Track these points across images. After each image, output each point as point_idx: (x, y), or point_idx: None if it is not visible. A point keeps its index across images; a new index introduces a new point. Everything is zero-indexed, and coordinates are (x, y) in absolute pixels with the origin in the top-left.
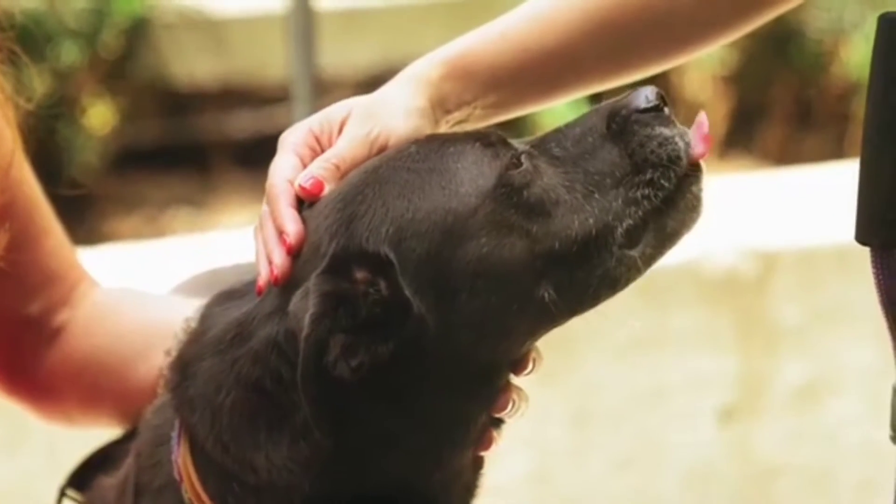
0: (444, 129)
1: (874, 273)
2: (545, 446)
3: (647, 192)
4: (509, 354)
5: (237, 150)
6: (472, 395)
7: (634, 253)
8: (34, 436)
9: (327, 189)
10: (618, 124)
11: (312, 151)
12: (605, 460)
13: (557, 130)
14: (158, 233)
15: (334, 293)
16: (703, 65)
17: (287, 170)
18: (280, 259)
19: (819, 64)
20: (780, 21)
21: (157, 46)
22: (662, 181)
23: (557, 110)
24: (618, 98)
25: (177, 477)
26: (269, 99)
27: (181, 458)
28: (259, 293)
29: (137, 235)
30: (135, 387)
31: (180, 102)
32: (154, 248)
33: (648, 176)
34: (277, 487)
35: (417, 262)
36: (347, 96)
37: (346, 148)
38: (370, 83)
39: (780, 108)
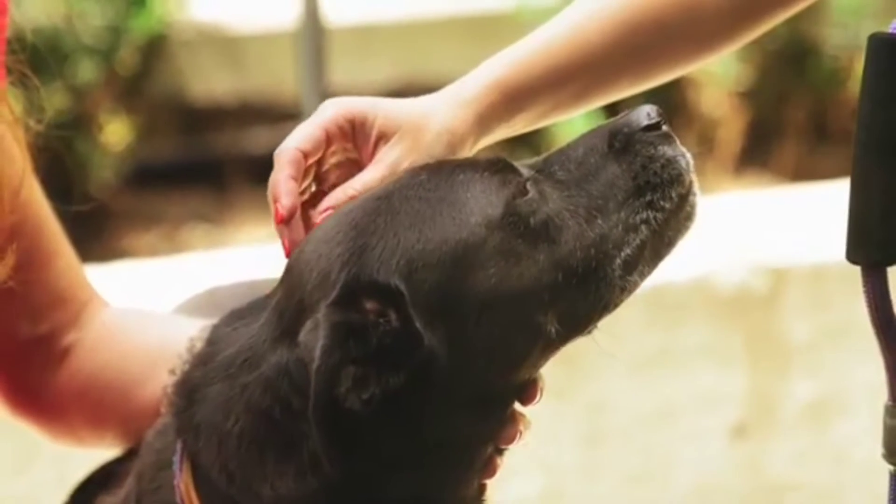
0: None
1: (865, 292)
2: (556, 464)
3: (647, 215)
4: (515, 382)
5: (254, 167)
6: (479, 423)
7: (634, 277)
8: (44, 451)
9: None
10: (620, 143)
11: (338, 136)
12: (616, 477)
13: (561, 151)
14: (175, 249)
15: (345, 324)
16: (719, 81)
17: (302, 139)
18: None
19: (835, 80)
20: (795, 37)
21: (173, 63)
22: (663, 202)
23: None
24: (619, 116)
25: (178, 501)
26: (286, 115)
27: (183, 483)
28: (280, 221)
29: (154, 252)
30: (140, 406)
31: (197, 119)
32: (170, 264)
33: (649, 198)
34: None
35: (428, 293)
36: None
37: (376, 181)
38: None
39: (795, 124)
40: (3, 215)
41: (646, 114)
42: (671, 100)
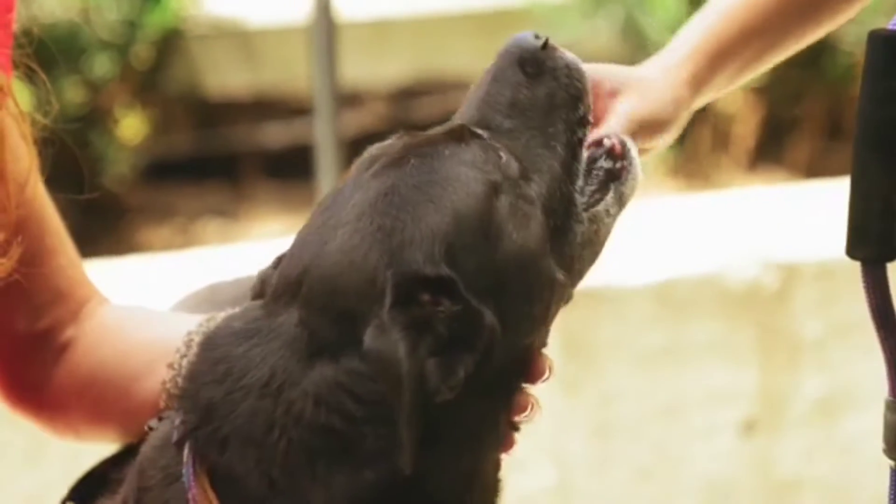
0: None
1: (865, 288)
2: (566, 458)
3: (583, 132)
4: (543, 342)
5: (269, 161)
6: (506, 391)
7: (599, 208)
8: (53, 447)
9: None
10: (532, 68)
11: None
12: (626, 472)
13: (485, 100)
14: (190, 243)
15: (415, 322)
16: None
17: None
18: None
19: (850, 77)
20: None
21: (189, 58)
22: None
23: None
24: (505, 47)
25: None
26: (301, 110)
27: (199, 495)
28: None
29: (169, 246)
30: (140, 402)
31: (212, 113)
32: (185, 258)
33: (582, 113)
34: None
35: (474, 273)
36: (377, 108)
37: (617, 129)
38: (400, 95)
39: (810, 120)
40: (9, 210)
41: (531, 34)
42: None
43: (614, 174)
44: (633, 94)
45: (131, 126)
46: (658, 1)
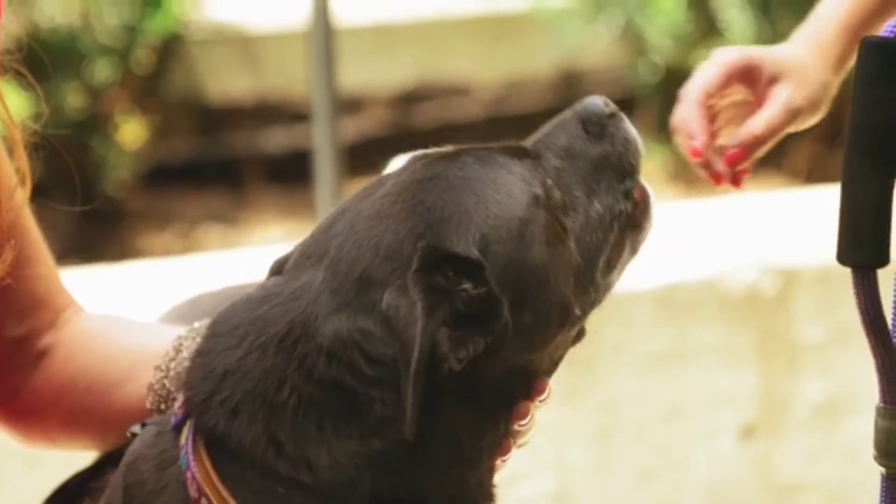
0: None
1: (855, 294)
2: (567, 463)
3: (624, 206)
4: (548, 369)
5: (270, 167)
6: (511, 398)
7: (618, 263)
8: (54, 451)
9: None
10: (594, 129)
11: (736, 79)
12: (627, 476)
13: (541, 139)
14: (191, 249)
15: (436, 289)
16: None
17: (707, 80)
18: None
19: (850, 83)
20: None
21: (189, 63)
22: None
23: None
24: (576, 105)
25: (194, 494)
26: (302, 115)
27: (199, 473)
28: (697, 156)
29: (170, 251)
30: (120, 407)
31: (212, 119)
32: (186, 264)
33: (628, 185)
34: (335, 486)
35: (503, 266)
36: (378, 114)
37: (779, 117)
38: (401, 100)
39: (810, 126)
40: (1, 214)
41: (603, 101)
42: None
43: (633, 221)
44: (791, 79)
45: (132, 131)
46: (658, 5)
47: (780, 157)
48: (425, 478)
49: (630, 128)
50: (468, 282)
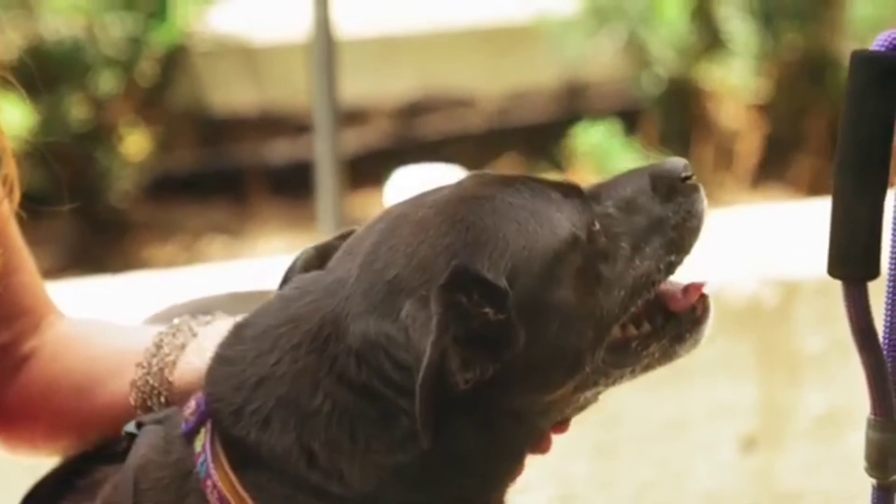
0: None
1: (846, 307)
2: (569, 475)
3: (661, 279)
4: (554, 408)
5: (273, 178)
6: (530, 430)
7: (643, 354)
8: None
9: None
10: (663, 189)
11: None
12: (629, 488)
13: (609, 186)
14: (194, 260)
15: (457, 305)
16: (737, 94)
17: None
18: None
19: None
20: (813, 50)
21: (193, 75)
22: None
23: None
24: (657, 163)
25: (215, 503)
26: (306, 127)
27: (220, 482)
28: None
29: (173, 263)
30: (103, 406)
31: (216, 130)
32: (189, 275)
33: (673, 259)
34: (364, 498)
35: (526, 299)
36: (382, 126)
37: None
38: (405, 112)
39: (813, 137)
40: None
41: (683, 165)
42: (690, 112)
43: (677, 327)
44: None
45: (135, 142)
46: (661, 17)
47: (783, 170)
48: (442, 492)
49: (700, 202)
50: (490, 307)
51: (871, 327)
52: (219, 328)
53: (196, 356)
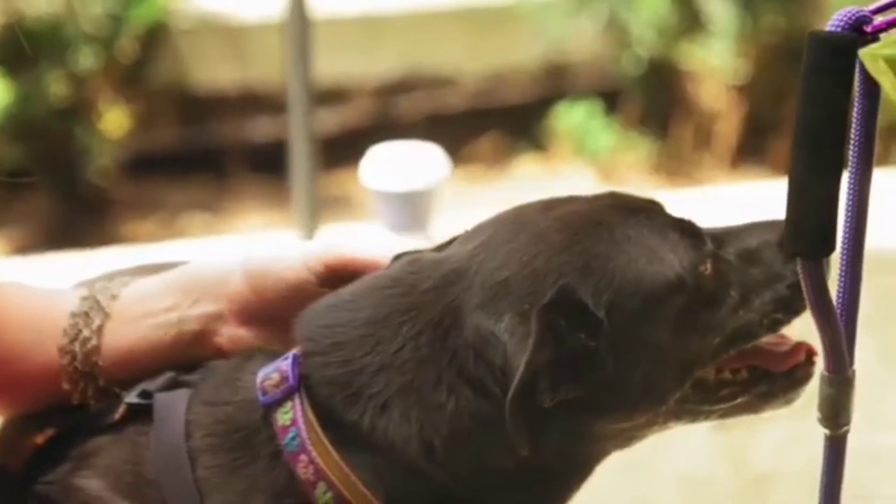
0: None
1: (803, 280)
2: None
3: (763, 333)
4: (625, 434)
5: (254, 156)
6: (601, 451)
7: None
8: None
9: None
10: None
11: None
12: (602, 467)
13: (736, 233)
14: (174, 237)
15: (555, 327)
16: (717, 75)
17: None
18: None
19: None
20: (793, 31)
21: (174, 52)
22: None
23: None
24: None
25: (310, 478)
26: (286, 105)
27: (318, 458)
28: None
29: (153, 239)
30: (28, 374)
31: (197, 107)
32: (168, 251)
33: (779, 316)
34: (468, 496)
35: (620, 331)
36: (363, 105)
37: None
38: (386, 91)
39: (792, 118)
40: None
41: None
42: (669, 92)
43: (772, 382)
44: None
45: (115, 120)
46: None
47: (762, 150)
48: (525, 500)
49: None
50: (584, 333)
51: (827, 297)
52: (132, 291)
53: (114, 335)
